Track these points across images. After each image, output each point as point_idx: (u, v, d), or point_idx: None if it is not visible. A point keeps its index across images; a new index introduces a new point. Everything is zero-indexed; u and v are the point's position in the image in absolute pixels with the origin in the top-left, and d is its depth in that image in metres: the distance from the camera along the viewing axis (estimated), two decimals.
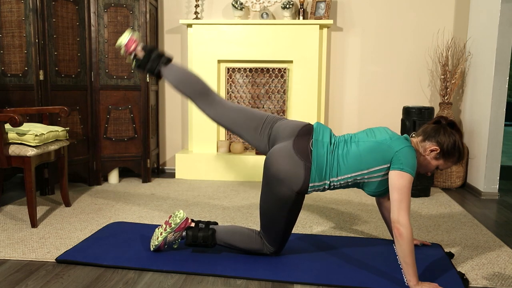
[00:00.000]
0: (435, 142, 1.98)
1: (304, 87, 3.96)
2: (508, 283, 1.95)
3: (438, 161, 2.00)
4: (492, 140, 3.47)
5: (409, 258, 1.81)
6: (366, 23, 4.07)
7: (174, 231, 2.15)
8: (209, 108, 2.19)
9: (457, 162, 2.02)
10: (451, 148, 1.97)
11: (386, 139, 1.97)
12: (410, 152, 1.91)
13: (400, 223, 1.82)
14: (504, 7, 3.35)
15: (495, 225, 2.81)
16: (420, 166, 2.03)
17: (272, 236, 2.10)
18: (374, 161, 1.95)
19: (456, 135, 1.99)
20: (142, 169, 3.83)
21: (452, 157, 1.99)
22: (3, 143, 2.55)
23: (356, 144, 2.01)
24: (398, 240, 1.82)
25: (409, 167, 1.88)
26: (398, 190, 1.87)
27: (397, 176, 1.89)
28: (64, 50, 3.40)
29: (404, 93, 4.10)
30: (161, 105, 4.33)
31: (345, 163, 1.98)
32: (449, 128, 2.01)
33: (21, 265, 2.08)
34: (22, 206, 3.01)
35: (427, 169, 2.04)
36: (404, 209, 1.84)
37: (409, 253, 1.81)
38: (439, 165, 2.01)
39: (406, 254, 1.81)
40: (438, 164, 2.01)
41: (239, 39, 3.97)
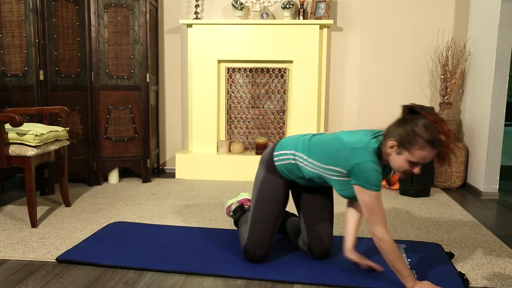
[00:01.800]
0: (392, 137, 1.78)
1: (304, 87, 3.96)
2: (508, 283, 1.95)
3: (403, 155, 1.75)
4: (492, 140, 3.47)
5: (397, 264, 1.79)
6: (366, 23, 4.07)
7: (237, 202, 2.51)
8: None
9: (427, 146, 1.71)
10: (407, 135, 1.73)
11: (350, 143, 1.85)
12: (368, 167, 1.78)
13: (377, 237, 1.80)
14: (504, 7, 3.35)
15: (495, 225, 2.81)
16: (394, 167, 1.82)
17: (247, 225, 2.17)
18: (331, 159, 1.90)
19: (418, 119, 1.75)
20: (142, 169, 3.83)
21: (415, 144, 1.71)
22: (3, 143, 2.55)
23: (325, 134, 2.02)
24: (381, 252, 1.82)
25: (369, 183, 1.79)
26: (365, 206, 1.82)
27: (360, 192, 1.82)
28: (64, 50, 3.40)
29: (404, 93, 4.10)
30: (161, 105, 4.33)
31: (310, 143, 1.99)
32: (410, 116, 1.79)
33: (21, 265, 2.08)
34: (22, 206, 3.01)
35: (402, 168, 1.79)
36: (377, 223, 1.80)
37: (395, 260, 1.79)
38: (411, 159, 1.74)
39: (393, 263, 1.80)
40: (407, 158, 1.75)
41: (239, 39, 3.97)
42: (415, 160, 1.74)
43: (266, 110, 4.16)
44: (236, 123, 4.19)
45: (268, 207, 2.07)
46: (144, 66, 3.72)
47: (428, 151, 1.72)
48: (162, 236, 2.46)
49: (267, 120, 4.17)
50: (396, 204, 3.26)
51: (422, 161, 1.74)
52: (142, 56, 3.72)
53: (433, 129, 1.72)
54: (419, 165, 1.75)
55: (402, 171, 1.81)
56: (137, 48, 3.71)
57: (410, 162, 1.76)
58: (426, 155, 1.72)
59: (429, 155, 1.72)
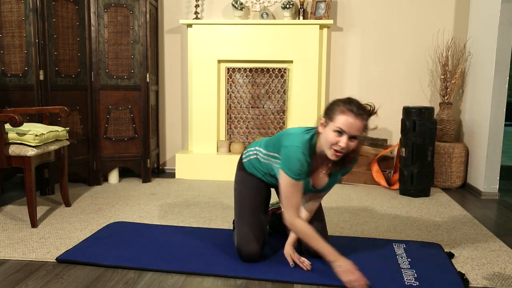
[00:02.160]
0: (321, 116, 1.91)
1: (304, 87, 3.96)
2: (508, 283, 1.95)
3: (329, 126, 1.84)
4: (492, 140, 3.47)
5: (314, 243, 1.94)
6: (366, 23, 4.07)
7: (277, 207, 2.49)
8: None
9: (346, 109, 1.81)
10: (329, 106, 1.88)
11: (289, 131, 1.99)
12: (293, 153, 1.86)
13: (287, 221, 1.99)
14: (504, 7, 3.35)
15: (495, 225, 2.81)
16: (324, 146, 1.86)
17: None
18: (275, 147, 2.02)
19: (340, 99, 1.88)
20: (142, 169, 3.83)
21: (335, 110, 1.82)
22: (3, 143, 2.55)
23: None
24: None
25: (289, 169, 1.88)
26: (281, 188, 1.95)
27: (281, 175, 1.95)
28: (64, 50, 3.40)
29: (404, 93, 4.10)
30: (161, 105, 4.33)
31: (269, 137, 2.16)
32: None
33: (21, 265, 2.08)
34: (22, 206, 3.01)
35: (330, 140, 1.83)
36: (288, 208, 1.95)
37: (311, 240, 1.95)
38: (335, 127, 1.81)
39: (310, 243, 1.96)
40: (332, 128, 1.82)
41: (239, 39, 3.97)
42: (338, 125, 1.81)
43: (266, 110, 4.16)
44: (236, 123, 4.19)
45: (246, 201, 2.16)
46: (144, 66, 3.72)
47: (347, 115, 1.80)
48: (162, 236, 2.45)
49: (267, 120, 4.17)
50: (396, 204, 3.26)
51: (345, 127, 1.80)
52: (142, 56, 3.72)
53: (352, 99, 1.87)
54: (344, 135, 1.81)
55: (331, 145, 1.84)
56: (137, 48, 3.71)
57: (336, 132, 1.82)
58: (346, 119, 1.80)
59: (349, 120, 1.79)
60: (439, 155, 3.76)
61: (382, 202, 3.30)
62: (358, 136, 1.84)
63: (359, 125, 1.82)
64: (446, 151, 3.75)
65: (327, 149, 1.86)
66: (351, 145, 1.84)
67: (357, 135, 1.83)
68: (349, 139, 1.82)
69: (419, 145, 3.43)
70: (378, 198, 3.42)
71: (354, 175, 3.88)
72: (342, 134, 1.82)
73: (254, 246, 2.07)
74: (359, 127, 1.82)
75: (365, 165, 3.87)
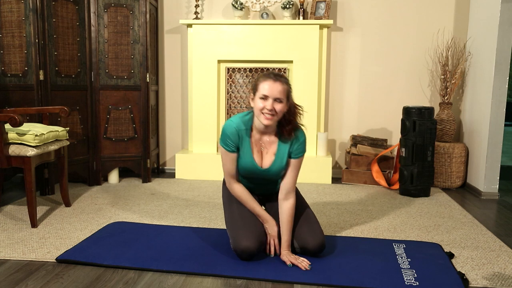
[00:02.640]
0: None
1: (304, 87, 3.96)
2: (508, 283, 1.95)
3: (256, 95, 2.08)
4: (492, 140, 3.47)
5: (248, 204, 2.19)
6: (366, 23, 4.07)
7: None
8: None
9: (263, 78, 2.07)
10: (253, 82, 2.14)
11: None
12: (226, 126, 2.16)
13: (227, 185, 2.24)
14: (504, 7, 3.35)
15: (495, 225, 2.81)
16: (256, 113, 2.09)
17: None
18: None
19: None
20: (142, 169, 3.83)
21: (257, 83, 2.08)
22: (3, 143, 2.55)
23: None
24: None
25: (221, 139, 2.18)
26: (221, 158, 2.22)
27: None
28: (64, 50, 3.40)
29: (404, 93, 4.10)
30: (161, 105, 4.33)
31: None
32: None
33: (21, 265, 2.08)
34: (22, 206, 3.01)
35: (259, 106, 2.06)
36: (225, 173, 2.22)
37: (246, 203, 2.19)
38: (260, 94, 2.05)
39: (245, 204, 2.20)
40: (258, 96, 2.06)
41: (239, 39, 3.97)
42: (262, 92, 2.05)
43: None
44: None
45: (229, 204, 2.28)
46: (144, 66, 3.72)
47: (266, 81, 2.05)
48: (162, 236, 2.45)
49: None
50: (396, 204, 3.26)
51: (267, 92, 2.04)
52: (142, 56, 3.72)
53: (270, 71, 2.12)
54: (267, 99, 2.04)
55: (260, 111, 2.06)
56: (137, 48, 3.71)
57: (261, 99, 2.05)
58: (266, 85, 2.05)
59: (269, 85, 2.04)
60: (439, 155, 3.76)
61: (382, 202, 3.30)
62: (281, 98, 2.06)
63: (279, 87, 2.05)
64: (446, 151, 3.75)
65: (259, 116, 2.08)
66: (278, 107, 2.06)
67: (280, 97, 2.05)
68: (274, 102, 2.05)
69: (419, 145, 3.43)
70: (378, 198, 3.42)
71: (354, 175, 3.88)
72: (267, 98, 2.05)
73: (247, 242, 2.07)
74: (280, 89, 2.05)
75: (365, 165, 3.87)
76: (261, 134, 2.19)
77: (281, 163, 2.18)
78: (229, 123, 2.16)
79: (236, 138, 2.14)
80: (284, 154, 2.18)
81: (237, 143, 2.16)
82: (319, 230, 2.18)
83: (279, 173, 2.20)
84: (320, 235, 2.15)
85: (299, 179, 3.75)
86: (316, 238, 2.13)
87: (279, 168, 2.19)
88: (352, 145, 4.01)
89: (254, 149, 2.18)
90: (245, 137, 2.16)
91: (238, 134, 2.15)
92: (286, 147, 2.17)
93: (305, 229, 2.16)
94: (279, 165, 2.18)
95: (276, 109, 2.05)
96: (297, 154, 2.19)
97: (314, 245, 2.12)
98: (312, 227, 2.18)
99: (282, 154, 2.18)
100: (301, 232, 2.16)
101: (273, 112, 2.05)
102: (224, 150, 2.17)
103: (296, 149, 2.18)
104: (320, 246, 2.13)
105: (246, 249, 2.07)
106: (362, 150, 3.89)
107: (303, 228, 2.17)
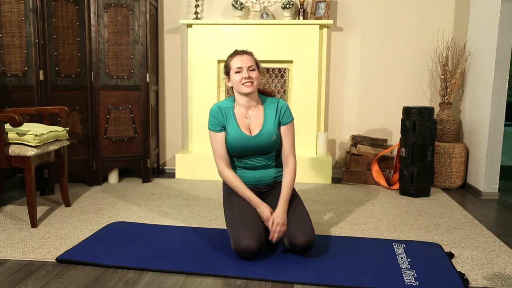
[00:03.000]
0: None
1: (304, 87, 3.96)
2: (508, 283, 1.95)
3: (230, 73, 2.27)
4: (492, 140, 3.47)
5: (240, 191, 2.24)
6: (366, 23, 4.07)
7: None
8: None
9: (231, 56, 2.29)
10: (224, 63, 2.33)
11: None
12: (211, 110, 2.32)
13: (218, 170, 2.33)
14: (504, 7, 3.35)
15: (495, 225, 2.81)
16: (236, 87, 2.27)
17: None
18: None
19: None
20: (142, 169, 3.83)
21: (226, 63, 2.30)
22: (3, 143, 2.55)
23: None
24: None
25: (208, 123, 2.33)
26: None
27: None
28: (64, 50, 3.40)
29: (404, 93, 4.10)
30: (161, 105, 4.33)
31: None
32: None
33: (21, 265, 2.08)
34: (22, 206, 3.01)
35: (237, 79, 2.23)
36: (215, 158, 2.32)
37: (236, 189, 2.26)
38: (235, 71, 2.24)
39: (236, 189, 2.26)
40: (233, 72, 2.25)
41: (239, 39, 3.97)
42: (235, 67, 2.24)
43: None
44: None
45: (229, 203, 2.30)
46: (144, 66, 3.73)
47: (235, 57, 2.27)
48: (162, 236, 2.45)
49: None
50: (396, 204, 3.26)
51: (239, 64, 2.24)
52: (142, 56, 3.72)
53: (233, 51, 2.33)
54: (242, 70, 2.23)
55: (239, 83, 2.24)
56: (137, 48, 3.71)
57: (236, 73, 2.24)
58: (236, 59, 2.26)
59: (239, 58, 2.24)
60: (439, 155, 3.76)
61: (382, 202, 3.30)
62: (253, 66, 2.25)
63: (248, 58, 2.26)
64: (446, 151, 3.75)
65: (240, 88, 2.25)
66: (253, 74, 2.24)
67: (252, 65, 2.25)
68: (248, 71, 2.23)
69: (419, 145, 3.43)
70: (378, 198, 3.42)
71: (354, 175, 3.88)
72: (241, 70, 2.23)
73: (248, 241, 2.07)
74: (249, 59, 2.26)
75: (365, 165, 3.87)
76: (246, 108, 2.32)
77: (270, 127, 2.28)
78: (213, 107, 2.34)
79: (220, 115, 2.29)
80: (271, 118, 2.29)
81: (222, 121, 2.30)
82: (310, 228, 2.17)
83: (270, 137, 2.27)
84: (309, 232, 2.14)
85: (299, 179, 3.77)
86: (306, 234, 2.12)
87: (269, 132, 2.27)
88: (352, 145, 4.01)
89: (239, 123, 2.30)
90: (230, 113, 2.31)
91: (221, 111, 2.30)
92: (272, 114, 2.30)
93: (295, 225, 2.16)
94: (269, 129, 2.27)
95: (252, 76, 2.23)
96: (287, 119, 2.33)
97: (303, 241, 2.11)
98: (302, 224, 2.17)
99: (270, 119, 2.30)
100: (291, 227, 2.16)
101: (251, 79, 2.22)
102: (212, 132, 2.32)
103: (284, 115, 2.32)
104: (308, 243, 2.12)
105: (247, 248, 2.06)
106: (362, 150, 3.89)
107: (294, 224, 2.17)
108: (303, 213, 2.26)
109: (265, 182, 2.36)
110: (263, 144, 2.27)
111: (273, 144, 2.30)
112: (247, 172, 2.34)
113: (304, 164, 3.84)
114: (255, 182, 2.35)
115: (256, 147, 2.28)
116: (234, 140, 2.27)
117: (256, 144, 2.27)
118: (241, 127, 2.29)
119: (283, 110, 2.32)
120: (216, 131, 2.31)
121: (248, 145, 2.27)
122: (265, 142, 2.27)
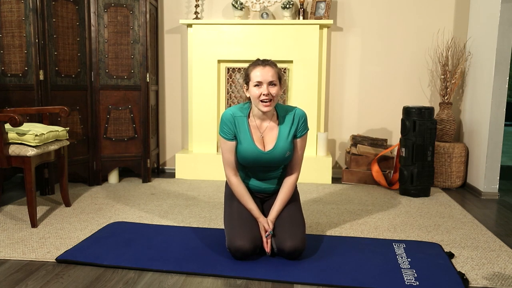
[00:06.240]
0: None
1: (304, 87, 3.96)
2: (508, 283, 1.95)
3: (249, 85, 2.15)
4: (492, 140, 3.47)
5: (243, 200, 2.21)
6: (366, 23, 4.07)
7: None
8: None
9: (252, 67, 2.15)
10: (244, 73, 2.23)
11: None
12: (223, 115, 2.21)
13: (226, 177, 2.26)
14: (504, 7, 3.35)
15: (495, 225, 2.81)
16: (254, 101, 2.15)
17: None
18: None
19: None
20: (142, 169, 3.83)
21: (248, 73, 2.16)
22: (3, 143, 2.55)
23: None
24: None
25: (220, 129, 2.22)
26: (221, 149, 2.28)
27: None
28: (64, 50, 3.40)
29: (404, 93, 4.10)
30: (161, 105, 4.33)
31: None
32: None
33: (21, 265, 2.08)
34: (22, 206, 3.01)
35: (256, 94, 2.11)
36: (224, 165, 2.24)
37: (240, 198, 2.21)
38: (253, 82, 2.12)
39: (240, 198, 2.22)
40: (252, 85, 2.12)
41: (239, 39, 3.97)
42: (255, 80, 2.11)
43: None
44: None
45: (230, 202, 2.29)
46: (144, 66, 3.72)
47: (256, 68, 2.13)
48: (162, 236, 2.45)
49: None
50: (396, 204, 3.26)
51: (260, 78, 2.10)
52: (142, 56, 3.72)
53: (257, 59, 2.20)
54: (261, 85, 2.10)
55: (257, 98, 2.12)
56: (137, 48, 3.71)
57: (256, 86, 2.12)
58: (257, 72, 2.12)
59: (260, 71, 2.11)
60: (439, 155, 3.76)
61: (382, 202, 3.30)
62: (274, 81, 2.11)
63: (270, 71, 2.12)
64: (446, 151, 3.75)
65: (257, 104, 2.13)
66: (273, 90, 2.11)
67: (273, 80, 2.11)
68: (268, 86, 2.10)
69: (419, 145, 3.43)
70: (378, 198, 3.42)
71: (354, 175, 3.88)
72: (261, 85, 2.10)
73: (242, 241, 2.06)
74: (271, 73, 2.12)
75: (365, 165, 3.87)
76: (261, 120, 2.22)
77: (284, 143, 2.20)
78: (226, 111, 2.23)
79: (232, 124, 2.19)
80: (285, 134, 2.21)
81: (233, 130, 2.19)
82: (300, 235, 2.12)
83: (284, 154, 2.20)
84: (299, 239, 2.10)
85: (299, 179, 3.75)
86: (294, 241, 2.08)
87: (283, 149, 2.19)
88: (352, 145, 4.01)
89: (253, 136, 2.21)
90: (243, 123, 2.20)
91: (234, 120, 2.19)
92: (287, 127, 2.21)
93: (286, 230, 2.14)
94: (282, 145, 2.19)
95: (272, 92, 2.10)
96: (302, 132, 2.24)
97: (290, 247, 2.07)
98: (293, 230, 2.14)
99: (284, 134, 2.21)
100: (281, 232, 2.14)
101: (270, 96, 2.10)
102: (223, 139, 2.21)
103: (300, 127, 2.22)
104: (295, 250, 2.08)
105: (240, 248, 2.06)
106: (362, 150, 3.89)
107: (285, 229, 2.14)
108: (297, 219, 2.22)
109: (269, 190, 2.34)
110: (276, 160, 2.21)
111: (286, 160, 2.24)
112: (253, 181, 2.31)
113: (304, 164, 3.83)
114: (260, 190, 2.34)
115: (268, 162, 2.21)
116: (246, 153, 2.19)
117: (268, 159, 2.20)
118: (255, 140, 2.20)
119: (300, 121, 2.22)
120: (227, 139, 2.20)
121: (261, 159, 2.20)
122: (278, 158, 2.20)
